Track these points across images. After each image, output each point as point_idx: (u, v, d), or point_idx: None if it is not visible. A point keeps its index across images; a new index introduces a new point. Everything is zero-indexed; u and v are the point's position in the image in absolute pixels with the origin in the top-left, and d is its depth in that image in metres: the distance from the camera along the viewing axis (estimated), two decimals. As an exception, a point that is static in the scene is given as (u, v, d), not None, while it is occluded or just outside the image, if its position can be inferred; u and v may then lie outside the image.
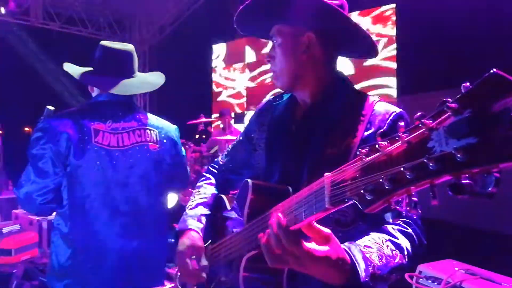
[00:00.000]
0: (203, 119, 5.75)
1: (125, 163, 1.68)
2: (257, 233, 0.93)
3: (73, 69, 1.78)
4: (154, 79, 1.88)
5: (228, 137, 5.60)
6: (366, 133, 1.02)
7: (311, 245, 0.79)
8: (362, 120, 1.03)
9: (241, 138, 1.39)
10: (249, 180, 1.06)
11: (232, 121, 6.06)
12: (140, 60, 10.22)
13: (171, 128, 1.87)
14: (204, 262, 1.18)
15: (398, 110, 1.05)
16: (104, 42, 1.79)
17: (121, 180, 1.67)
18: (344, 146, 1.01)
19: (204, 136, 6.02)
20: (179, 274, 1.26)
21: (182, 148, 1.95)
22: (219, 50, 9.02)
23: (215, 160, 1.49)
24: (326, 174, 0.72)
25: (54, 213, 1.72)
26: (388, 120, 1.02)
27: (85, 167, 1.61)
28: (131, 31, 9.74)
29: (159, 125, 1.82)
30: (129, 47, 1.81)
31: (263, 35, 1.20)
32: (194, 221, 1.26)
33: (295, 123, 1.16)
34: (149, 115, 1.83)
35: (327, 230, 0.82)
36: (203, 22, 7.85)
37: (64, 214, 1.65)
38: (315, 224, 0.81)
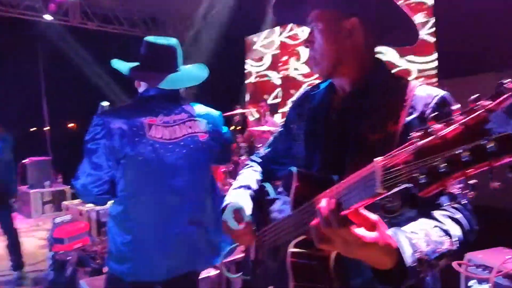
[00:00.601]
0: (239, 111, 5.80)
1: (178, 155, 1.74)
2: (304, 219, 0.94)
3: (121, 66, 1.83)
4: (199, 72, 1.91)
5: (264, 127, 5.63)
6: (408, 118, 1.00)
7: (360, 231, 0.79)
8: (404, 106, 1.01)
9: (281, 129, 1.41)
10: (293, 168, 1.08)
11: (267, 112, 6.07)
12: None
13: (216, 115, 1.93)
14: (247, 218, 1.23)
15: (442, 92, 1.02)
16: (149, 38, 1.82)
17: (175, 171, 1.74)
18: (386, 132, 1.00)
19: (240, 128, 6.07)
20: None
21: (228, 130, 2.03)
22: (252, 41, 9.02)
23: (259, 150, 1.53)
24: (376, 159, 0.72)
25: (110, 202, 1.82)
26: (432, 104, 1.00)
27: (141, 160, 1.68)
28: (164, 27, 9.91)
29: (206, 114, 1.88)
30: (173, 41, 1.84)
31: (300, 21, 1.20)
32: (240, 197, 1.31)
33: (334, 111, 1.16)
34: (196, 105, 1.89)
35: (374, 217, 0.82)
36: (235, 15, 7.87)
37: (120, 203, 1.73)
38: (363, 210, 0.81)
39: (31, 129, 12.61)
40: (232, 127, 5.92)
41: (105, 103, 1.82)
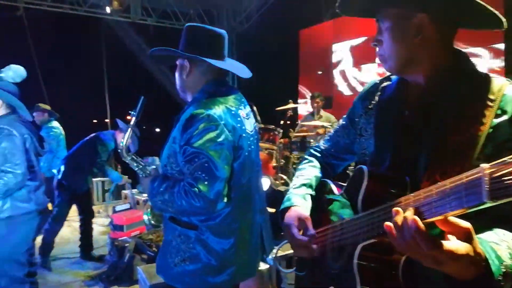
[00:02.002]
0: (292, 105, 5.74)
1: (256, 147, 1.73)
2: (378, 222, 0.89)
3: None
4: (241, 65, 1.85)
5: (317, 122, 5.53)
6: (496, 120, 0.90)
7: (452, 245, 0.74)
8: (491, 106, 0.92)
9: (344, 122, 1.34)
10: (364, 167, 1.02)
11: (321, 106, 5.95)
12: (228, 49, 10.55)
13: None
14: (312, 231, 1.17)
15: None
16: (198, 25, 1.72)
17: (256, 163, 1.75)
18: (469, 133, 0.91)
19: (292, 122, 6.02)
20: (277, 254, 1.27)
21: None
22: (305, 35, 8.89)
23: (317, 144, 1.49)
24: (482, 165, 0.66)
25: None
26: None
27: (246, 155, 1.64)
28: (219, 21, 10.05)
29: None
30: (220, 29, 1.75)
31: (366, 15, 1.13)
32: (299, 199, 1.27)
33: (408, 106, 1.08)
34: None
35: (466, 224, 0.76)
36: (289, 8, 7.79)
37: (228, 205, 1.62)
38: (453, 218, 0.75)
39: (94, 121, 13.38)
40: (285, 122, 5.87)
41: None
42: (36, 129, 2.67)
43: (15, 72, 1.43)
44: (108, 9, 8.12)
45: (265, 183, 4.47)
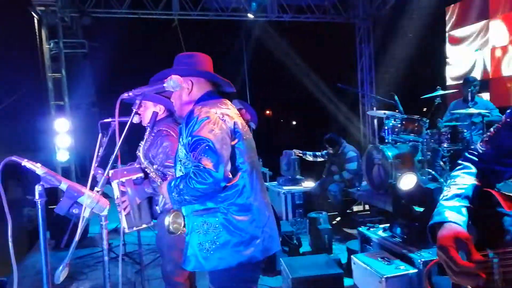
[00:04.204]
0: (440, 92, 5.17)
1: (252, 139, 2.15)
2: None
3: None
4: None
5: (471, 110, 4.87)
6: None
7: None
8: None
9: (508, 120, 1.14)
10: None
11: (476, 91, 5.22)
12: (364, 36, 10.10)
13: None
14: (478, 256, 1.00)
15: None
16: (186, 53, 2.14)
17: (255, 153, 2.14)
18: None
19: (440, 111, 5.44)
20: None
21: None
22: (453, 11, 7.91)
23: (472, 147, 1.27)
24: None
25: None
26: None
27: (243, 138, 2.00)
28: (354, 8, 9.69)
29: None
30: None
31: None
32: (454, 213, 1.10)
33: None
34: None
35: None
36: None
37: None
38: None
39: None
40: (432, 110, 5.34)
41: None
42: None
43: (175, 82, 1.67)
44: (250, 15, 8.58)
45: (411, 180, 4.13)
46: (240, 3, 8.74)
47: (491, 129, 1.22)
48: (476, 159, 1.23)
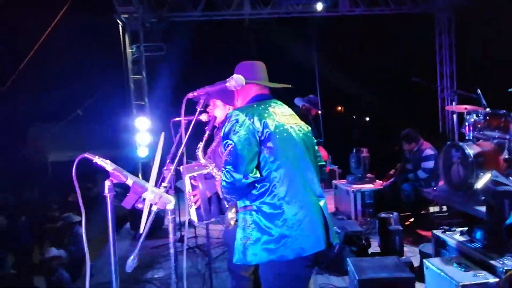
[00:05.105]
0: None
1: (304, 137, 2.21)
2: None
3: None
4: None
5: None
6: None
7: None
8: None
9: None
10: None
11: None
12: (445, 28, 9.42)
13: None
14: None
15: None
16: (243, 62, 2.22)
17: (303, 151, 2.15)
18: None
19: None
20: None
21: None
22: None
23: None
24: None
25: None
26: None
27: (275, 137, 2.02)
28: (434, -1, 9.08)
29: None
30: None
31: None
32: None
33: None
34: None
35: None
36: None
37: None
38: None
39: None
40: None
41: None
42: None
43: (237, 81, 1.75)
44: (319, 6, 8.44)
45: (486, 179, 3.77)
46: (310, 0, 8.65)
47: None
48: None
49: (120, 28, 8.26)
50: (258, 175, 1.92)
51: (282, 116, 2.10)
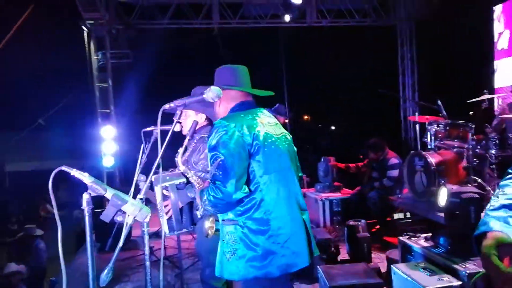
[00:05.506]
0: (487, 96, 4.94)
1: (289, 148, 2.20)
2: None
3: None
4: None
5: (522, 114, 4.62)
6: None
7: None
8: None
9: None
10: None
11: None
12: (406, 40, 9.83)
13: None
14: None
15: None
16: (224, 66, 2.16)
17: (289, 163, 2.13)
18: None
19: (488, 115, 5.20)
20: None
21: None
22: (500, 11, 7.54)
23: None
24: None
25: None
26: None
27: (264, 151, 1.98)
28: (395, 11, 9.48)
29: None
30: None
31: None
32: (499, 223, 1.09)
33: None
34: None
35: None
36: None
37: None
38: None
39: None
40: (477, 114, 5.12)
41: None
42: None
43: (214, 92, 1.73)
44: (287, 18, 8.60)
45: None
46: (278, 10, 8.80)
47: None
48: None
49: (86, 34, 8.06)
50: (247, 190, 1.86)
51: (269, 127, 2.04)
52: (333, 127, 19.65)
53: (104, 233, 5.16)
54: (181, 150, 2.18)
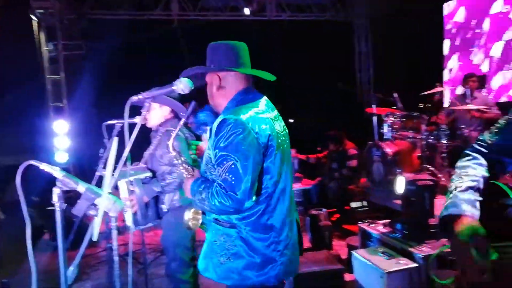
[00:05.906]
0: (439, 89, 5.22)
1: (288, 146, 1.94)
2: None
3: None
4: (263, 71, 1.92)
5: (470, 106, 4.93)
6: None
7: None
8: None
9: None
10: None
11: (476, 87, 5.25)
12: (362, 36, 10.14)
13: None
14: (493, 255, 1.03)
15: None
16: (220, 42, 1.86)
17: (289, 161, 1.90)
18: None
19: (439, 107, 5.50)
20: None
21: None
22: (451, 8, 7.96)
23: (481, 138, 1.30)
24: None
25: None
26: None
27: (275, 153, 1.77)
28: (354, 6, 9.73)
29: None
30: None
31: None
32: (470, 206, 1.11)
33: None
34: None
35: None
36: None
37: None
38: None
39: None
40: (431, 106, 5.40)
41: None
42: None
43: (185, 84, 1.63)
44: (246, 11, 8.59)
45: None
46: (238, 2, 8.77)
47: (500, 121, 1.25)
48: (485, 150, 1.25)
49: (35, 24, 7.64)
50: (255, 197, 1.67)
51: (276, 122, 1.82)
52: (291, 120, 19.90)
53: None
54: (173, 134, 1.92)
